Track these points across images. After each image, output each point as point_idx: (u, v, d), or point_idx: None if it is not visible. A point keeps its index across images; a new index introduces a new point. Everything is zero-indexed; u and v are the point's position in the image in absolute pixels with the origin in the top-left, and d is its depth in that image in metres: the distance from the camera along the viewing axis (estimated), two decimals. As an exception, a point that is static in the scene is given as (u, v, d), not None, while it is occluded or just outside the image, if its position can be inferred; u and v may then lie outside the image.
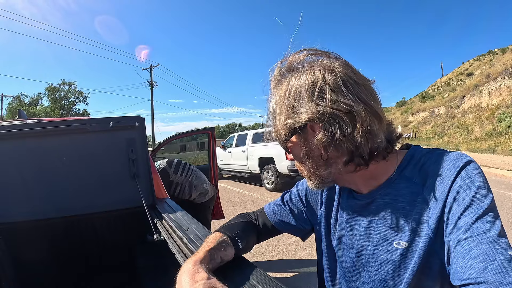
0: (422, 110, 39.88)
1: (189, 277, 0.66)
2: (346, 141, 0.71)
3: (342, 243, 0.88)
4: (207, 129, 4.93)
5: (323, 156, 0.76)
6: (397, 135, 0.81)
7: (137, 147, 2.03)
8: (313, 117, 0.71)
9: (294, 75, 0.76)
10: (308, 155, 0.78)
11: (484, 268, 0.53)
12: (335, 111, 0.70)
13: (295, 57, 0.79)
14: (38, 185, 1.86)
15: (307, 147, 0.77)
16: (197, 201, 3.91)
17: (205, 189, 3.93)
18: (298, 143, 0.78)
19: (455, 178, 0.67)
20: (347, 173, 0.79)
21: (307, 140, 0.76)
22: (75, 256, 2.00)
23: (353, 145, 0.72)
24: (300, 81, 0.74)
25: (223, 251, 0.85)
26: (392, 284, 0.74)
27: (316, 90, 0.71)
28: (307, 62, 0.76)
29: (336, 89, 0.71)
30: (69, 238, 1.97)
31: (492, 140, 21.13)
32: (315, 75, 0.72)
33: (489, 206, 0.62)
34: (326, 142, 0.72)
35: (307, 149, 0.78)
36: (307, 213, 1.02)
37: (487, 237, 0.57)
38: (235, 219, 1.03)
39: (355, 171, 0.78)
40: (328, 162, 0.77)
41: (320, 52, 0.77)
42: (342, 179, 0.83)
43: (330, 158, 0.76)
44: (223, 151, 13.35)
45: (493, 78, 27.84)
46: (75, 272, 2.01)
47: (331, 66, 0.73)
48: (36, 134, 1.91)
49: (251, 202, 8.44)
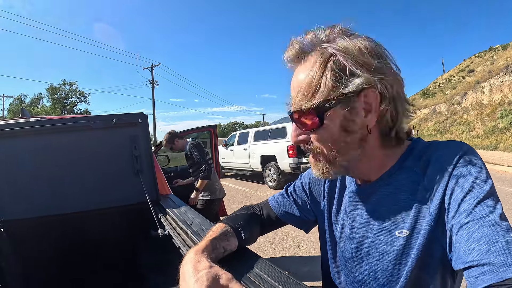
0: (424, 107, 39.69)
1: (191, 267, 0.66)
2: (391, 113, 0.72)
3: (344, 234, 0.89)
4: (209, 126, 4.94)
5: (369, 126, 0.72)
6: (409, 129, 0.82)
7: (140, 144, 2.04)
8: (370, 82, 0.68)
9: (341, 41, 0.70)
10: (347, 130, 0.72)
11: (487, 250, 0.53)
12: (389, 77, 0.70)
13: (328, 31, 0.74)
14: (42, 182, 1.88)
15: (350, 119, 0.71)
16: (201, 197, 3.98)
17: (214, 188, 3.99)
18: (338, 115, 0.70)
19: (455, 166, 0.67)
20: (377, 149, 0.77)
21: (354, 110, 0.70)
22: (79, 252, 2.01)
23: (394, 116, 0.73)
24: (351, 45, 0.69)
25: (226, 241, 0.85)
26: (395, 274, 0.74)
27: (372, 53, 0.69)
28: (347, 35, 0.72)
29: (380, 56, 0.70)
30: (73, 234, 1.99)
31: (494, 136, 21.07)
32: (364, 41, 0.70)
33: (489, 190, 0.63)
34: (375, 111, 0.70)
35: (350, 122, 0.71)
36: (311, 204, 1.02)
37: (488, 220, 0.57)
38: (239, 211, 1.04)
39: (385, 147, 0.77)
40: (365, 138, 0.74)
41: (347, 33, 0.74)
42: (354, 166, 0.80)
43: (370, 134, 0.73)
44: (225, 150, 13.37)
45: (495, 75, 27.75)
46: (79, 268, 2.02)
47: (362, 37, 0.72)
48: (40, 131, 1.92)
49: (253, 200, 8.42)
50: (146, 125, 2.08)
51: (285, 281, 0.72)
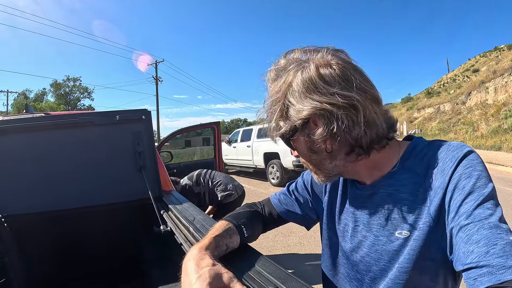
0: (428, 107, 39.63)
1: (194, 264, 0.66)
2: (344, 134, 0.73)
3: (346, 233, 0.89)
4: (213, 123, 4.94)
5: (327, 149, 0.77)
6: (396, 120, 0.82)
7: (143, 140, 2.04)
8: (313, 113, 0.72)
9: (290, 73, 0.76)
10: (312, 150, 0.79)
11: (486, 252, 0.54)
12: (332, 106, 0.71)
13: (288, 57, 0.80)
14: (45, 178, 1.88)
15: (310, 142, 0.78)
16: (225, 201, 3.98)
17: (228, 190, 3.97)
18: (300, 139, 0.79)
19: (456, 168, 0.68)
20: (350, 163, 0.80)
21: (310, 136, 0.76)
22: (82, 247, 2.02)
23: (352, 137, 0.73)
24: (296, 78, 0.74)
25: (228, 239, 0.85)
26: (393, 274, 0.75)
27: (313, 85, 0.72)
28: (301, 60, 0.77)
29: (333, 82, 0.71)
30: (75, 230, 1.99)
31: (498, 137, 20.94)
32: (311, 70, 0.73)
33: (489, 193, 0.63)
34: (327, 135, 0.73)
35: (310, 144, 0.78)
36: (312, 202, 1.03)
37: (488, 222, 0.58)
38: (241, 209, 1.04)
39: (357, 160, 0.78)
40: (332, 155, 0.78)
41: (314, 49, 0.78)
42: (347, 171, 0.83)
43: (334, 151, 0.77)
44: (228, 146, 13.38)
45: (500, 75, 27.62)
46: (81, 263, 2.03)
47: (326, 59, 0.74)
48: (44, 127, 1.93)
49: (256, 197, 8.39)
50: (150, 122, 2.08)
51: (286, 279, 0.72)
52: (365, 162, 0.79)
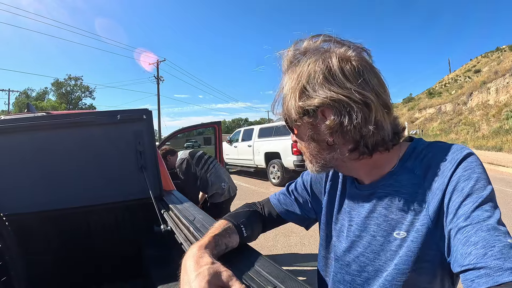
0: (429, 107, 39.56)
1: (193, 262, 0.67)
2: (354, 130, 0.73)
3: (341, 233, 0.89)
4: (214, 122, 4.94)
5: (329, 141, 0.77)
6: (403, 128, 0.83)
7: (145, 139, 2.05)
8: (326, 102, 0.73)
9: (310, 59, 0.76)
10: (313, 138, 0.80)
11: (483, 254, 0.54)
12: (348, 100, 0.71)
13: (311, 41, 0.80)
14: (46, 177, 1.89)
15: (314, 130, 0.78)
16: (210, 200, 3.85)
17: (221, 189, 3.83)
18: (306, 125, 0.79)
19: (455, 170, 0.68)
20: (350, 160, 0.80)
21: (316, 124, 0.77)
22: (83, 246, 2.03)
23: (360, 135, 0.74)
24: (316, 66, 0.74)
25: (228, 238, 0.86)
26: (389, 274, 0.75)
27: (331, 76, 0.73)
28: (323, 48, 0.77)
29: (351, 78, 0.72)
30: (76, 229, 2.00)
31: (499, 137, 20.91)
32: (332, 61, 0.74)
33: (488, 196, 0.63)
34: (334, 128, 0.74)
35: (314, 132, 0.79)
36: (312, 202, 1.03)
37: (486, 224, 0.58)
38: (241, 208, 1.05)
39: (358, 159, 0.79)
40: (332, 147, 0.78)
41: (337, 40, 0.78)
42: (344, 166, 0.84)
43: (335, 144, 0.78)
44: (229, 146, 13.38)
45: (501, 75, 27.58)
46: (82, 262, 2.04)
47: (347, 55, 0.75)
48: (45, 126, 1.94)
49: (256, 197, 8.41)
50: (151, 121, 2.09)
51: (285, 279, 0.73)
52: (365, 161, 0.80)
